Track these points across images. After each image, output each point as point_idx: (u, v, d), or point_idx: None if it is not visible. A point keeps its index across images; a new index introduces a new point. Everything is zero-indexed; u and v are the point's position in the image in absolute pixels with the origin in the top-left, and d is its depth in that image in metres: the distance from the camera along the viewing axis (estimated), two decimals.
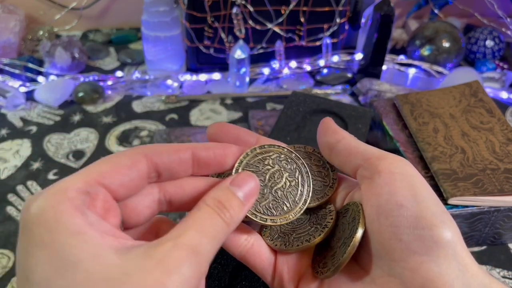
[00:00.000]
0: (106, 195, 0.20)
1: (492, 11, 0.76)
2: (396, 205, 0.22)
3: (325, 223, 0.25)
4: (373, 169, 0.23)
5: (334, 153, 0.26)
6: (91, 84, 0.65)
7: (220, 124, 0.27)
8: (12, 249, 0.44)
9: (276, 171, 0.26)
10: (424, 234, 0.21)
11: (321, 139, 0.27)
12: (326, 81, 0.70)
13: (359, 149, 0.25)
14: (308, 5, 0.66)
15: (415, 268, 0.21)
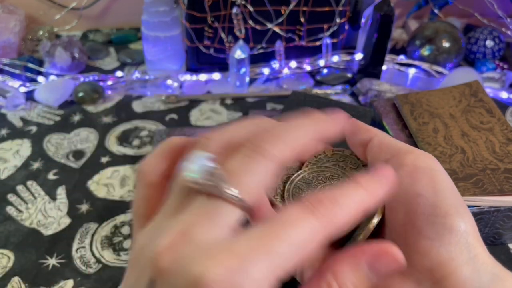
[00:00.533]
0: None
1: (492, 11, 0.76)
2: (414, 194, 0.23)
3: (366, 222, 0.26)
4: (399, 163, 0.24)
5: (367, 150, 0.27)
6: (91, 84, 0.65)
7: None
8: (11, 249, 0.44)
9: (327, 186, 0.29)
10: (438, 222, 0.22)
11: (354, 138, 0.28)
12: (326, 81, 0.70)
13: (390, 144, 0.26)
14: (308, 5, 0.66)
15: (425, 252, 0.22)
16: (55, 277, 0.41)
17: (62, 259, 0.43)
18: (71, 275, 0.41)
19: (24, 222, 0.47)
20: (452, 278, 0.21)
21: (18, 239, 0.45)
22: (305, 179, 0.30)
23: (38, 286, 0.40)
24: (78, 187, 0.51)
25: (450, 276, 0.21)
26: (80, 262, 0.42)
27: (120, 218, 0.47)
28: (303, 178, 0.30)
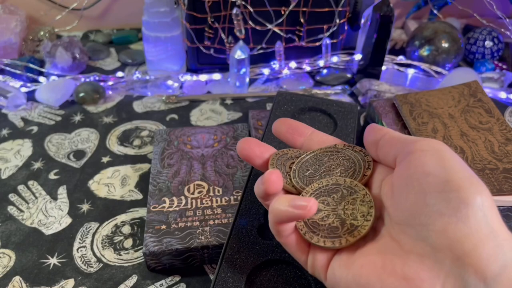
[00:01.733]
0: None
1: (491, 11, 0.76)
2: (424, 173, 0.22)
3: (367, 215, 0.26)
4: (407, 152, 0.24)
5: (379, 148, 0.28)
6: (92, 84, 0.65)
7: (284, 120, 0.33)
8: (13, 249, 0.44)
9: (335, 164, 0.30)
10: (451, 196, 0.21)
11: (368, 139, 0.29)
12: (326, 81, 0.71)
13: (399, 139, 0.26)
14: (308, 6, 0.66)
15: (442, 230, 0.21)
16: (56, 276, 0.41)
17: (63, 258, 0.43)
18: (72, 274, 0.41)
19: (25, 221, 0.47)
20: (473, 254, 0.20)
21: (19, 239, 0.45)
22: (317, 156, 0.31)
23: (39, 285, 0.40)
24: (79, 186, 0.51)
25: (471, 253, 0.20)
26: (81, 262, 0.43)
27: (121, 217, 0.47)
28: (316, 155, 0.31)
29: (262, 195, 0.28)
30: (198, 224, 0.42)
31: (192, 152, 0.51)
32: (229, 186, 0.46)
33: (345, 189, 0.28)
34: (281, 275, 0.35)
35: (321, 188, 0.29)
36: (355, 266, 0.24)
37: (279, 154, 0.32)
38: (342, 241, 0.26)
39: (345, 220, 0.26)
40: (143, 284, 0.41)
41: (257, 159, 0.32)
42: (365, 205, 0.27)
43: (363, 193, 0.27)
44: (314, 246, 0.27)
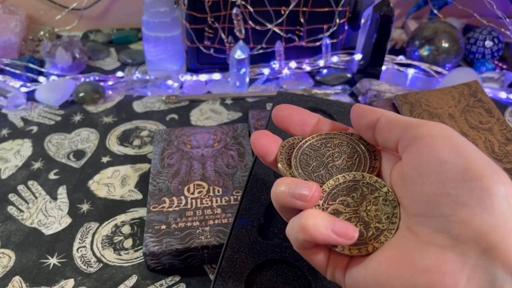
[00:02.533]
0: None
1: (491, 11, 0.76)
2: (439, 161, 0.21)
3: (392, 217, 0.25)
4: (412, 137, 0.23)
5: (376, 132, 0.26)
6: (92, 84, 0.65)
7: (287, 107, 0.30)
8: (12, 249, 0.44)
9: (336, 153, 0.28)
10: (473, 186, 0.20)
11: (360, 122, 0.27)
12: (326, 81, 0.71)
13: (399, 121, 0.24)
14: (308, 6, 0.66)
15: (466, 221, 0.20)
16: (56, 276, 0.41)
17: (63, 258, 0.43)
18: (72, 274, 0.41)
19: (25, 221, 0.47)
20: (501, 247, 0.19)
21: (19, 239, 0.45)
22: (313, 146, 0.29)
23: (39, 285, 0.40)
24: (79, 186, 0.51)
25: (499, 245, 0.19)
26: (81, 262, 0.43)
27: (120, 217, 0.47)
28: (311, 145, 0.29)
29: (292, 208, 0.25)
30: (198, 224, 0.42)
31: (192, 152, 0.51)
32: (229, 186, 0.46)
33: (364, 186, 0.26)
34: (281, 275, 0.35)
35: (338, 187, 0.26)
36: (373, 264, 0.23)
37: (286, 145, 0.29)
38: (369, 248, 0.24)
39: (369, 224, 0.25)
40: (143, 284, 0.41)
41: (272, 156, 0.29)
42: (389, 204, 0.25)
43: (385, 190, 0.25)
44: (334, 252, 0.25)
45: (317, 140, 0.29)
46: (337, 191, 0.26)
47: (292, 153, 0.29)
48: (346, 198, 0.26)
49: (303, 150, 0.29)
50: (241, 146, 0.52)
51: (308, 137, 0.29)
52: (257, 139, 0.29)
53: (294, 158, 0.28)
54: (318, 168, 0.28)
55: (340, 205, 0.26)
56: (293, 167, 0.28)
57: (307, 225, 0.23)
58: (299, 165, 0.28)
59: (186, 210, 0.43)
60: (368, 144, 0.28)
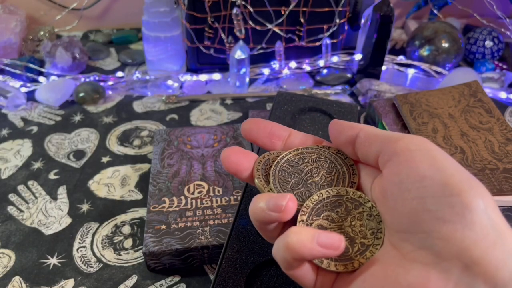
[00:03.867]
0: None
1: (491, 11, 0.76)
2: (419, 177, 0.21)
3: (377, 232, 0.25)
4: (391, 152, 0.23)
5: (356, 147, 0.26)
6: (92, 84, 0.65)
7: (253, 120, 0.29)
8: (12, 249, 0.44)
9: (314, 168, 0.28)
10: (453, 201, 0.20)
11: (340, 138, 0.27)
12: (326, 81, 0.71)
13: (378, 136, 0.24)
14: (308, 6, 0.66)
15: (448, 238, 0.20)
16: (56, 276, 0.41)
17: (63, 258, 0.43)
18: (72, 274, 0.41)
19: (25, 221, 0.47)
20: (482, 262, 0.19)
21: (19, 239, 0.45)
22: (291, 162, 0.28)
23: (39, 285, 0.40)
24: (79, 187, 0.51)
25: (480, 261, 0.19)
26: (81, 262, 0.43)
27: (120, 217, 0.47)
28: (289, 160, 0.28)
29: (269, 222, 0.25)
30: (198, 224, 0.42)
31: (192, 152, 0.51)
32: (229, 186, 0.46)
33: (348, 201, 0.26)
34: (281, 275, 0.35)
35: (322, 202, 0.26)
36: (358, 283, 0.23)
37: (262, 161, 0.28)
38: (355, 263, 0.24)
39: (355, 239, 0.25)
40: (143, 284, 0.41)
41: (245, 172, 0.28)
42: (373, 219, 0.25)
43: (369, 206, 0.25)
44: (322, 270, 0.25)
45: (294, 155, 0.28)
46: (321, 206, 0.26)
47: (269, 169, 0.28)
48: (330, 213, 0.26)
49: (280, 166, 0.28)
50: (241, 146, 0.52)
51: (285, 152, 0.29)
52: (227, 157, 0.28)
53: (272, 175, 0.28)
54: (297, 185, 0.27)
55: (324, 221, 0.26)
56: (271, 184, 0.27)
57: (292, 242, 0.22)
58: (277, 182, 0.28)
59: (186, 210, 0.43)
60: (346, 157, 0.28)
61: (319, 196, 0.26)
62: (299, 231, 0.23)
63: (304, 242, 0.22)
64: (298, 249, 0.22)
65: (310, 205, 0.26)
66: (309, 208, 0.26)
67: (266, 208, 0.24)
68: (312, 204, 0.26)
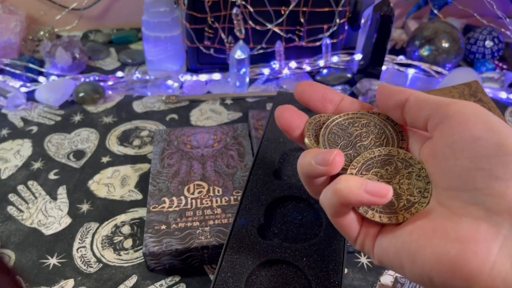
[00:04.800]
0: None
1: (492, 11, 0.76)
2: (472, 138, 0.22)
3: (424, 192, 0.25)
4: (443, 115, 0.24)
5: (405, 111, 0.26)
6: (92, 84, 0.65)
7: (308, 83, 0.30)
8: (12, 249, 0.44)
9: (364, 133, 0.28)
10: (508, 160, 0.21)
11: (388, 102, 0.27)
12: (326, 81, 0.70)
13: (429, 100, 0.25)
14: (308, 6, 0.66)
15: (500, 194, 0.21)
16: (55, 276, 0.41)
17: (62, 258, 0.43)
18: (72, 274, 0.41)
19: (25, 221, 0.47)
20: None
21: (19, 239, 0.45)
22: (341, 125, 0.29)
23: (38, 285, 0.40)
24: (79, 187, 0.51)
25: None
26: (80, 262, 0.43)
27: (120, 217, 0.47)
28: (339, 123, 0.29)
29: (316, 175, 0.26)
30: (198, 224, 0.42)
31: (192, 152, 0.51)
32: (229, 186, 0.46)
33: (399, 161, 0.26)
34: (281, 275, 0.35)
35: (373, 159, 0.27)
36: (403, 234, 0.24)
37: (313, 122, 0.30)
38: (399, 217, 0.25)
39: (401, 196, 0.25)
40: (143, 284, 0.41)
41: (297, 130, 0.29)
42: (422, 180, 0.25)
43: (419, 167, 0.26)
44: (367, 221, 0.26)
45: (344, 119, 0.29)
46: (371, 163, 0.27)
47: (319, 130, 0.29)
48: (380, 170, 0.27)
49: (330, 129, 0.29)
50: (241, 146, 0.51)
51: (335, 115, 0.30)
52: (281, 113, 0.29)
53: (322, 136, 0.29)
54: (346, 147, 0.28)
55: (373, 176, 0.26)
56: (321, 144, 0.28)
57: (340, 188, 0.24)
58: (327, 143, 0.28)
59: (186, 210, 0.43)
60: (395, 124, 0.29)
61: (371, 153, 0.27)
62: (348, 178, 0.24)
63: (352, 188, 0.23)
64: (346, 194, 0.23)
65: (361, 160, 0.27)
66: (359, 163, 0.27)
67: (314, 162, 0.25)
68: (363, 160, 0.27)
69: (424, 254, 0.22)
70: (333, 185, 0.24)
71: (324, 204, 0.26)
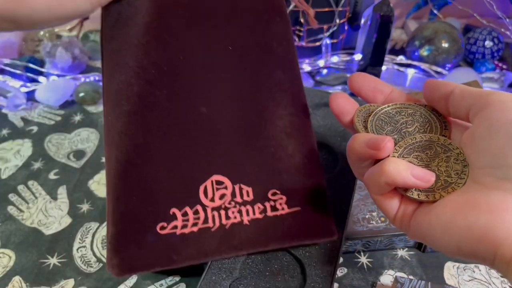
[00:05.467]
0: None
1: (492, 11, 0.76)
2: (509, 120, 0.24)
3: (461, 174, 0.27)
4: (484, 103, 0.25)
5: (450, 101, 0.28)
6: (92, 84, 0.65)
7: (361, 74, 0.33)
8: (12, 249, 0.44)
9: (409, 121, 0.31)
10: None
11: (434, 94, 0.30)
12: (326, 81, 0.71)
13: (471, 91, 0.27)
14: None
15: None
16: (56, 276, 0.41)
17: (63, 258, 0.43)
18: (72, 274, 0.41)
19: (25, 221, 0.47)
20: None
21: (19, 239, 0.45)
22: (388, 113, 0.31)
23: (39, 285, 0.40)
24: (79, 186, 0.51)
25: None
26: (81, 262, 0.43)
27: None
28: (386, 112, 0.31)
29: (364, 158, 0.28)
30: None
31: None
32: None
33: (438, 146, 0.28)
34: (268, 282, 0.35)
35: (415, 144, 0.29)
36: (438, 207, 0.26)
37: (362, 110, 0.32)
38: (436, 195, 0.26)
39: (439, 176, 0.27)
40: (143, 284, 0.41)
41: (348, 116, 0.32)
42: (459, 163, 0.27)
43: (457, 152, 0.28)
44: (405, 199, 0.28)
45: (392, 108, 0.31)
46: (413, 147, 0.29)
47: (368, 117, 0.31)
48: (420, 154, 0.28)
49: (378, 116, 0.31)
50: None
51: (383, 105, 0.32)
52: (335, 99, 0.32)
53: (370, 122, 0.31)
54: (392, 132, 0.30)
55: (414, 159, 0.28)
56: (369, 129, 0.31)
57: (389, 169, 0.26)
58: (374, 128, 0.31)
59: None
60: (440, 115, 0.31)
61: (413, 139, 0.29)
62: (396, 161, 0.26)
63: (400, 171, 0.26)
64: (394, 176, 0.26)
65: (403, 145, 0.29)
66: (401, 147, 0.29)
67: (365, 145, 0.27)
68: (405, 145, 0.29)
69: (456, 224, 0.24)
70: (381, 165, 0.26)
71: (368, 182, 0.28)
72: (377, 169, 0.27)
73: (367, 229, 0.41)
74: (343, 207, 0.39)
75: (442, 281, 0.41)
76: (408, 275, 0.41)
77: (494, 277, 0.41)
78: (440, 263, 0.42)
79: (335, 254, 0.36)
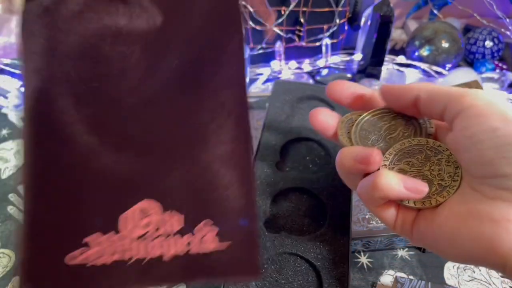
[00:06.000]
0: None
1: (492, 11, 0.76)
2: (491, 128, 0.23)
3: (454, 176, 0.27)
4: (459, 107, 0.25)
5: (420, 105, 0.27)
6: None
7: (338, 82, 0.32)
8: (12, 249, 0.44)
9: (392, 125, 0.30)
10: None
11: (398, 103, 0.29)
12: (326, 81, 0.70)
13: (439, 94, 0.26)
14: (308, 6, 0.66)
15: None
16: None
17: None
18: None
19: None
20: None
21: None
22: (371, 121, 0.31)
23: None
24: None
25: None
26: None
27: None
28: (368, 120, 0.31)
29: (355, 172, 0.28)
30: None
31: None
32: None
33: (428, 149, 0.28)
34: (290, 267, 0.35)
35: (404, 150, 0.29)
36: (440, 218, 0.25)
37: (345, 120, 0.32)
38: (432, 201, 0.26)
39: (433, 181, 0.27)
40: None
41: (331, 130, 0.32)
42: (451, 165, 0.27)
43: (448, 153, 0.27)
44: (403, 207, 0.28)
45: (373, 115, 0.31)
46: (402, 153, 0.28)
47: (351, 128, 0.31)
48: (411, 159, 0.28)
49: (361, 126, 0.31)
50: None
51: (365, 112, 0.31)
52: (315, 116, 0.32)
53: (353, 134, 0.30)
54: (377, 141, 0.30)
55: (405, 165, 0.28)
56: (354, 141, 0.30)
57: (381, 184, 0.25)
58: (359, 140, 0.30)
59: None
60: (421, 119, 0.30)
61: (402, 145, 0.29)
62: (388, 175, 0.26)
63: (392, 185, 0.25)
64: (387, 190, 0.25)
65: (393, 152, 0.29)
66: (391, 155, 0.29)
67: (353, 161, 0.27)
68: (394, 152, 0.29)
69: (461, 236, 0.23)
70: (371, 178, 0.26)
71: (362, 194, 0.27)
72: (368, 183, 0.26)
73: (367, 229, 0.41)
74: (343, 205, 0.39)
75: (442, 281, 0.41)
76: (408, 275, 0.41)
77: (494, 277, 0.41)
78: (440, 263, 0.42)
79: (345, 254, 0.36)
